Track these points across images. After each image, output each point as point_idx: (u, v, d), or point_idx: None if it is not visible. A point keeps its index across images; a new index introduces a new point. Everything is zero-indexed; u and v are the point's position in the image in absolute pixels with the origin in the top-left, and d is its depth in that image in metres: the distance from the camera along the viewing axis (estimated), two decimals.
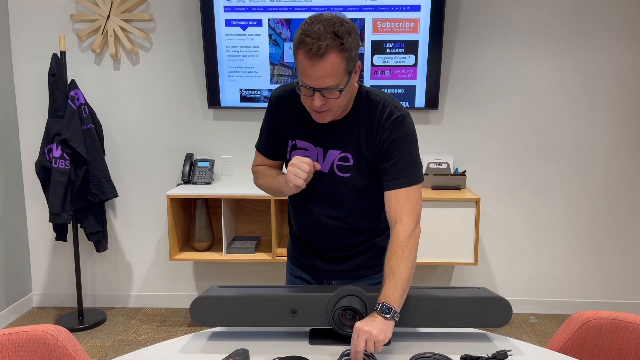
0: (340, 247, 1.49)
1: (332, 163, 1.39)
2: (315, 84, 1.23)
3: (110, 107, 3.09)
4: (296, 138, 1.42)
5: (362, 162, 1.37)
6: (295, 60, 1.25)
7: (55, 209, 2.74)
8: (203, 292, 1.33)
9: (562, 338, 1.39)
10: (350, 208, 1.43)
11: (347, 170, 1.38)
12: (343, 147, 1.37)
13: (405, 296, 1.24)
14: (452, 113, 3.03)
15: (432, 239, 2.72)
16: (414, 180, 1.34)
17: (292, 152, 1.43)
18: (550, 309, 3.17)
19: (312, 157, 1.40)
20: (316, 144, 1.40)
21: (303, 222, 1.50)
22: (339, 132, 1.37)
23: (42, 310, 3.19)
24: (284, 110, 1.42)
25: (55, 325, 1.32)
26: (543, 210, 3.09)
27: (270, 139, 1.48)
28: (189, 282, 3.23)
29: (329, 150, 1.39)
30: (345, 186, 1.40)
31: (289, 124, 1.42)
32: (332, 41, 1.18)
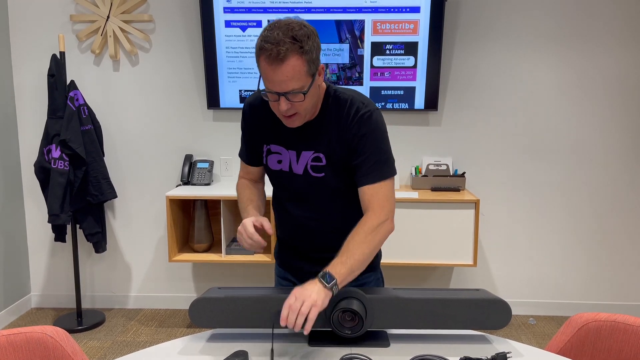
0: (322, 249, 1.48)
1: (305, 164, 1.41)
2: (279, 88, 1.25)
3: (110, 108, 3.09)
4: (270, 143, 1.45)
5: (334, 160, 1.39)
6: (259, 67, 1.27)
7: (54, 209, 2.73)
8: (202, 294, 1.33)
9: (562, 340, 1.39)
10: (327, 209, 1.45)
11: (321, 170, 1.40)
12: (315, 148, 1.39)
13: (351, 279, 1.26)
14: (452, 114, 3.04)
15: (432, 241, 2.72)
16: (385, 175, 1.36)
17: (268, 157, 1.46)
18: (549, 310, 3.17)
19: (285, 161, 1.44)
20: (288, 147, 1.42)
21: (284, 225, 1.53)
22: (310, 133, 1.39)
23: (40, 311, 3.19)
24: (256, 118, 1.46)
25: (54, 327, 1.31)
26: (542, 212, 3.09)
27: (248, 146, 1.52)
28: (188, 283, 3.23)
29: (302, 151, 1.41)
30: (320, 186, 1.42)
31: (262, 130, 1.46)
32: (291, 45, 1.20)
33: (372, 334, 1.33)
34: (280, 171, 1.45)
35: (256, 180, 1.58)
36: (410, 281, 3.16)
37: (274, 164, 1.46)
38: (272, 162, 1.46)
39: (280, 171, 1.45)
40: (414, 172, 3.00)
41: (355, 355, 1.20)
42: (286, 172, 1.44)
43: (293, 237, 1.52)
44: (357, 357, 1.19)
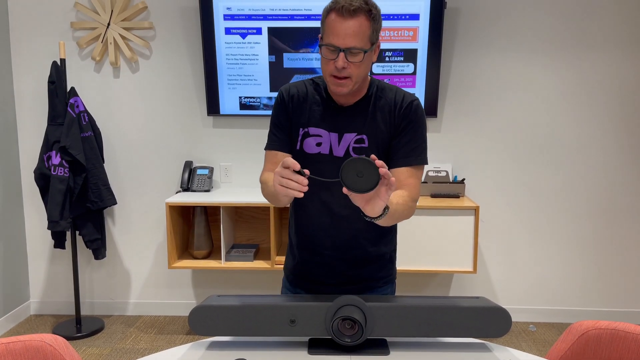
0: (352, 245, 1.48)
1: (347, 146, 1.42)
2: (342, 42, 1.29)
3: (110, 115, 3.09)
4: (308, 126, 1.44)
5: (378, 143, 1.41)
6: (323, 24, 1.33)
7: (54, 216, 2.73)
8: (202, 302, 1.33)
9: (562, 348, 1.39)
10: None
11: (363, 152, 1.42)
12: (358, 130, 1.41)
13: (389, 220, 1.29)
14: (451, 121, 3.04)
15: (431, 247, 2.71)
16: (422, 161, 1.42)
17: (304, 140, 1.45)
18: (549, 317, 3.16)
19: (326, 144, 1.43)
20: (330, 130, 1.43)
21: (314, 221, 1.48)
22: (353, 115, 1.42)
23: (39, 318, 3.18)
24: (296, 102, 1.46)
25: (53, 335, 1.31)
26: (543, 218, 3.09)
27: (282, 131, 1.47)
28: (188, 289, 3.22)
29: (345, 134, 1.42)
30: None
31: (301, 113, 1.45)
32: (363, 5, 1.29)
33: (372, 342, 1.32)
34: (319, 154, 1.43)
35: None
36: (409, 288, 3.16)
37: (311, 147, 1.44)
38: (309, 146, 1.44)
39: (319, 154, 1.43)
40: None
41: None
42: (325, 154, 1.43)
43: (323, 234, 1.48)
44: None
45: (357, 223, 1.46)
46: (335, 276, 1.51)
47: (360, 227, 1.48)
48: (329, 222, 1.47)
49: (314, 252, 1.52)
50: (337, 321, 1.24)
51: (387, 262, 1.56)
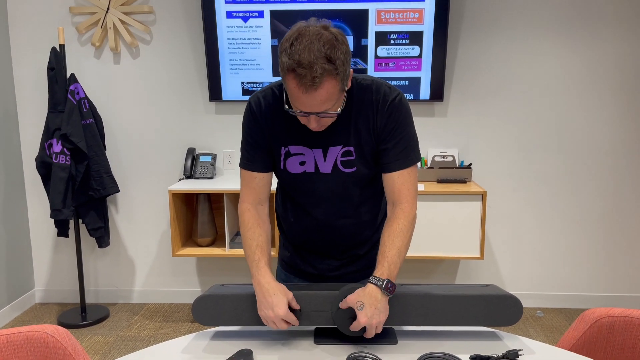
0: (349, 246, 1.45)
1: (334, 161, 1.33)
2: (310, 109, 1.17)
3: (111, 101, 3.05)
4: (288, 144, 1.33)
5: (365, 151, 1.32)
6: (285, 83, 1.16)
7: (56, 204, 2.71)
8: (205, 291, 1.30)
9: (574, 336, 1.36)
10: (357, 201, 1.39)
11: (352, 165, 1.33)
12: (343, 142, 1.32)
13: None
14: (458, 105, 2.99)
15: (438, 234, 2.68)
16: (413, 160, 1.33)
17: (287, 160, 1.34)
18: (557, 303, 3.14)
19: (310, 162, 1.33)
20: (312, 146, 1.32)
21: (306, 228, 1.43)
22: (335, 127, 1.30)
23: (44, 307, 3.18)
24: (269, 117, 1.32)
25: (55, 326, 1.29)
26: (550, 204, 3.05)
27: (262, 150, 1.34)
28: (192, 277, 3.21)
29: (329, 147, 1.32)
30: (352, 180, 1.35)
31: (278, 131, 1.32)
32: (325, 68, 1.11)
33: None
34: (304, 174, 1.34)
35: (262, 200, 1.38)
36: (415, 275, 3.13)
37: (295, 166, 1.34)
38: (292, 166, 1.34)
39: (304, 174, 1.34)
40: (420, 164, 2.95)
41: (362, 354, 1.17)
42: (311, 173, 1.34)
43: (316, 240, 1.43)
44: (364, 355, 1.16)
45: (352, 228, 1.42)
46: (333, 269, 1.48)
47: (356, 231, 1.43)
48: (323, 232, 1.42)
49: (309, 251, 1.48)
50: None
51: None
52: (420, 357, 1.16)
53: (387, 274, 1.21)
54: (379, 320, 1.18)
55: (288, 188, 1.41)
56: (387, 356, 1.19)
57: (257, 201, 1.37)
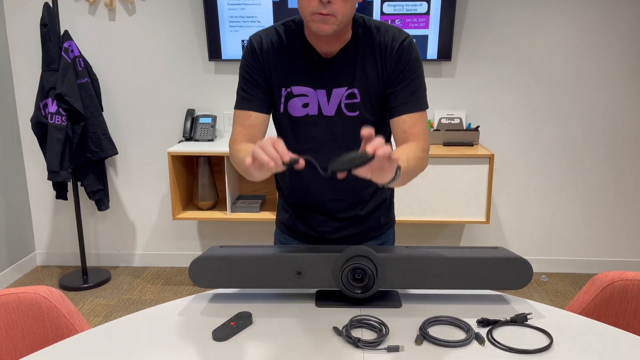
0: (350, 204, 1.39)
1: (339, 103, 1.26)
2: None
3: (106, 60, 2.95)
4: (291, 85, 1.26)
5: (371, 95, 1.25)
6: None
7: (54, 166, 2.66)
8: (203, 252, 1.26)
9: (584, 300, 1.31)
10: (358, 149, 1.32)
11: (356, 108, 1.26)
12: (348, 83, 1.24)
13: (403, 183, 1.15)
14: (466, 65, 2.88)
15: (443, 197, 2.62)
16: (424, 105, 1.25)
17: (289, 102, 1.27)
18: (562, 267, 3.10)
19: (313, 103, 1.27)
20: (316, 87, 1.25)
21: (305, 183, 1.36)
22: (341, 67, 1.24)
23: (46, 269, 3.17)
24: (271, 55, 1.25)
25: (48, 287, 1.25)
26: (558, 167, 2.98)
27: (260, 89, 1.27)
28: (194, 241, 3.18)
29: (333, 89, 1.25)
30: (356, 126, 1.28)
31: (280, 70, 1.26)
32: None
33: (383, 294, 1.25)
34: (307, 116, 1.28)
35: (257, 138, 1.29)
36: (419, 239, 3.09)
37: (297, 109, 1.27)
38: (294, 108, 1.27)
39: (307, 116, 1.28)
40: None
41: (365, 317, 1.13)
42: (314, 116, 1.27)
43: (317, 196, 1.37)
44: (368, 319, 1.12)
45: (355, 182, 1.35)
46: (334, 231, 1.42)
47: (358, 186, 1.37)
48: (324, 184, 1.35)
49: (309, 209, 1.41)
50: (346, 272, 1.16)
51: (387, 208, 1.46)
52: (426, 321, 1.12)
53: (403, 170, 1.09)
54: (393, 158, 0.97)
55: (288, 135, 1.33)
56: (390, 320, 1.14)
57: (251, 138, 1.27)
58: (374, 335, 1.08)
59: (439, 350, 1.02)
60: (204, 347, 1.04)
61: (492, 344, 1.05)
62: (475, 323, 1.13)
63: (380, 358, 1.00)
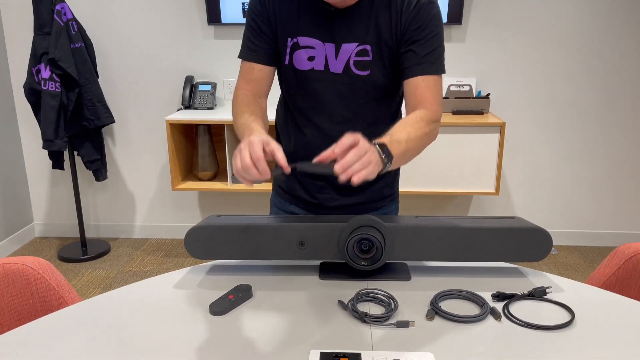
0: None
1: (347, 60, 1.16)
2: None
3: (101, 24, 2.83)
4: (297, 35, 1.16)
5: (384, 54, 1.15)
6: None
7: (48, 135, 2.57)
8: (200, 222, 1.18)
9: (605, 273, 1.24)
10: (369, 116, 1.22)
11: (367, 67, 1.16)
12: (360, 39, 1.15)
13: (398, 166, 1.08)
14: (477, 29, 2.75)
15: (452, 168, 2.53)
16: (440, 68, 1.16)
17: (294, 54, 1.18)
18: (571, 240, 3.03)
19: (320, 57, 1.17)
20: (325, 40, 1.16)
21: (307, 143, 1.27)
22: (353, 21, 1.14)
23: (44, 241, 3.12)
24: (279, 3, 1.17)
25: (36, 258, 1.18)
26: (571, 137, 2.87)
27: (266, 39, 1.19)
28: (194, 212, 3.11)
29: (343, 44, 1.15)
30: (365, 87, 1.18)
31: (287, 19, 1.17)
32: None
33: (391, 266, 1.18)
34: (312, 71, 1.18)
35: (261, 93, 1.24)
36: (425, 211, 3.02)
37: (302, 62, 1.18)
38: (299, 60, 1.18)
39: (312, 71, 1.18)
40: None
41: (372, 290, 1.05)
42: (320, 71, 1.18)
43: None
44: (375, 292, 1.05)
45: None
46: (332, 199, 1.34)
47: None
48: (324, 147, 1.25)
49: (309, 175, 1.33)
50: (352, 243, 1.09)
51: (392, 180, 1.38)
52: (437, 295, 1.05)
53: (387, 141, 1.01)
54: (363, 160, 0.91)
55: (291, 91, 1.24)
56: (399, 293, 1.07)
57: (254, 92, 1.23)
58: (382, 309, 1.01)
59: (451, 325, 0.96)
60: (201, 322, 0.97)
61: (509, 319, 0.98)
62: (490, 297, 1.06)
63: (388, 334, 0.93)
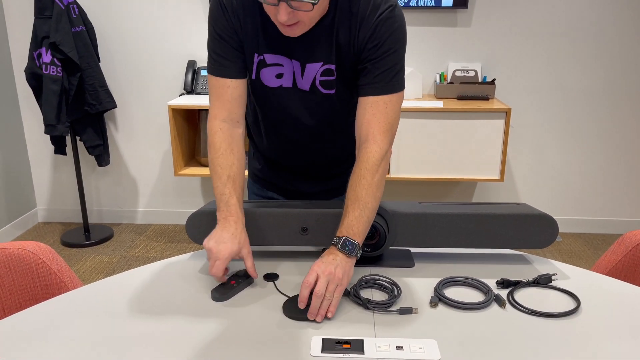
0: (325, 167, 1.31)
1: (313, 79, 1.12)
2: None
3: (102, 7, 2.80)
4: (264, 52, 1.11)
5: (346, 70, 1.10)
6: None
7: (50, 119, 2.55)
8: (201, 207, 1.17)
9: (612, 260, 1.22)
10: (335, 125, 1.21)
11: (332, 86, 1.12)
12: (324, 58, 1.09)
13: (368, 230, 1.03)
14: (483, 13, 2.70)
15: (456, 154, 2.51)
16: (396, 87, 1.08)
17: (261, 71, 1.13)
18: (576, 227, 3.01)
19: (288, 74, 1.12)
20: (291, 56, 1.11)
21: (278, 147, 1.26)
22: (317, 39, 1.08)
23: (48, 226, 3.12)
24: (242, 15, 1.08)
25: (37, 242, 1.17)
26: (577, 123, 2.84)
27: (235, 50, 1.11)
28: (197, 198, 3.10)
29: (307, 63, 1.10)
30: (332, 103, 1.15)
31: (251, 34, 1.10)
32: None
33: (395, 253, 1.17)
34: (280, 88, 1.14)
35: (238, 116, 1.14)
36: (429, 198, 3.00)
37: (270, 79, 1.13)
38: (268, 77, 1.13)
39: (280, 88, 1.14)
40: (439, 79, 2.72)
41: (375, 276, 1.04)
42: (288, 88, 1.14)
43: (288, 159, 1.29)
44: (378, 278, 1.04)
45: (330, 152, 1.26)
46: (311, 185, 1.33)
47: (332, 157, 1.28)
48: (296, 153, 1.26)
49: (281, 168, 1.33)
50: None
51: None
52: (441, 282, 1.03)
53: (344, 233, 1.00)
54: (333, 277, 0.93)
55: (259, 102, 1.20)
56: (402, 280, 1.06)
57: (231, 118, 1.12)
58: (385, 296, 1.00)
59: (455, 313, 0.95)
60: (202, 307, 0.96)
61: (514, 306, 0.97)
62: (494, 284, 1.04)
63: (392, 320, 0.92)
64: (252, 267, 1.04)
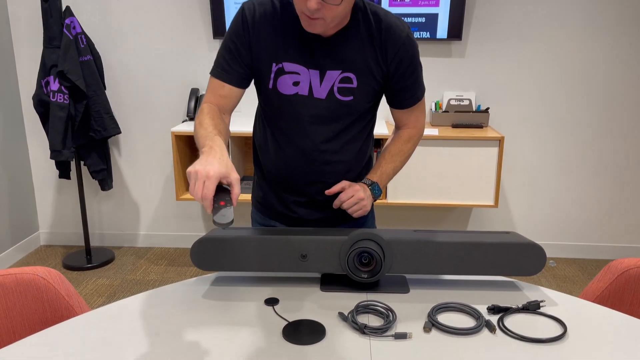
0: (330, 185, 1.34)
1: (331, 86, 1.21)
2: None
3: (109, 38, 2.90)
4: (282, 60, 1.19)
5: (367, 81, 1.22)
6: None
7: (56, 145, 2.62)
8: (206, 234, 1.22)
9: (599, 287, 1.27)
10: (348, 134, 1.28)
11: (350, 93, 1.22)
12: (344, 66, 1.19)
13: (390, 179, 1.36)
14: (477, 45, 2.80)
15: (451, 180, 2.57)
16: (422, 92, 1.33)
17: (279, 79, 1.21)
18: (570, 253, 3.06)
19: (304, 83, 1.21)
20: (309, 66, 1.19)
21: (286, 161, 1.31)
22: (338, 48, 1.18)
23: (50, 249, 3.16)
24: (263, 26, 1.18)
25: (46, 268, 1.22)
26: (569, 151, 2.91)
27: (241, 64, 1.21)
28: (198, 222, 3.15)
29: (327, 70, 1.20)
30: (347, 111, 1.24)
31: (271, 44, 1.19)
32: None
33: (390, 279, 1.21)
34: (296, 95, 1.21)
35: (227, 109, 1.24)
36: (425, 223, 3.05)
37: (287, 86, 1.21)
38: (284, 85, 1.21)
39: (296, 95, 1.21)
40: (434, 108, 2.81)
41: (371, 302, 1.09)
42: (304, 96, 1.21)
43: (295, 176, 1.32)
44: (374, 304, 1.08)
45: (337, 165, 1.31)
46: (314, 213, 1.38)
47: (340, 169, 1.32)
48: (304, 167, 1.30)
49: (287, 189, 1.36)
50: (353, 256, 1.13)
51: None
52: (434, 307, 1.08)
53: (377, 179, 1.29)
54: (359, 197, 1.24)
55: (273, 112, 1.27)
56: (398, 305, 1.11)
57: (221, 107, 1.22)
58: (381, 321, 1.04)
59: (448, 337, 0.99)
60: (206, 333, 1.01)
61: (504, 332, 1.01)
62: (485, 310, 1.09)
63: (387, 345, 0.97)
64: (238, 196, 0.96)
